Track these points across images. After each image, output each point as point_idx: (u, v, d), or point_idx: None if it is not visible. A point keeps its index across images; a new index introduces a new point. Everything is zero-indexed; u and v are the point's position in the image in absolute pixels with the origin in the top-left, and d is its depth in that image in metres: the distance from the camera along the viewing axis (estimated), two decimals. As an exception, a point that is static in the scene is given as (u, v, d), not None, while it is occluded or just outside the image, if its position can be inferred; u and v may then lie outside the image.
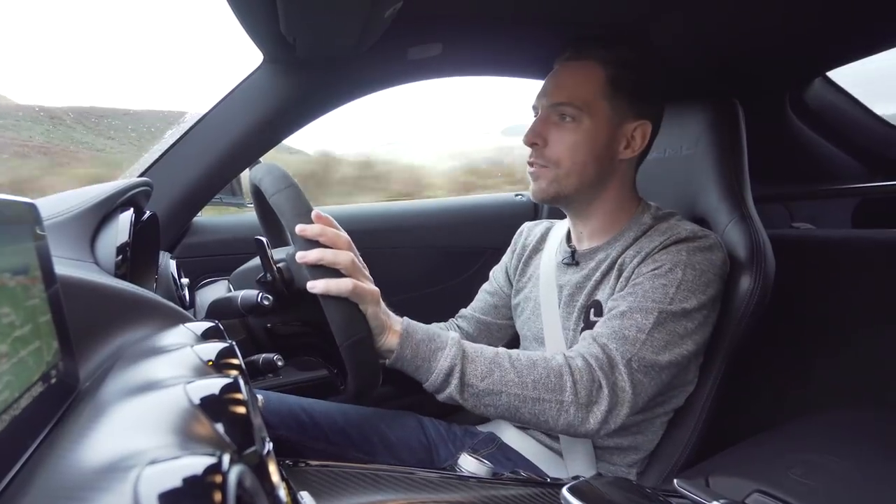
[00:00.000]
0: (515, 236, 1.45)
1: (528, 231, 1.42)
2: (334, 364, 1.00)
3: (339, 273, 0.85)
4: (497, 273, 1.45)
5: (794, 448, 0.90)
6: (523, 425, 0.98)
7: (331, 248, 0.85)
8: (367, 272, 0.91)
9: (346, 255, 0.85)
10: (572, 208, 1.21)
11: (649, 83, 1.15)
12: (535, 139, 1.14)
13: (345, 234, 0.88)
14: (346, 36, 1.21)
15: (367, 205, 1.97)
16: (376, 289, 0.89)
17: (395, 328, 0.92)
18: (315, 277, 0.83)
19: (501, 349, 0.97)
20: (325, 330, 0.88)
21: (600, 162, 1.13)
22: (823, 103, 1.72)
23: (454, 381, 0.92)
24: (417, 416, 1.33)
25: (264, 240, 0.97)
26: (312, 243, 0.85)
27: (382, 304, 0.91)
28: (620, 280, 1.09)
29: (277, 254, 1.01)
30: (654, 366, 0.98)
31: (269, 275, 0.97)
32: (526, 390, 0.93)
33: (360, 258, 0.90)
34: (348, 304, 0.84)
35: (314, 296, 0.84)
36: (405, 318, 0.95)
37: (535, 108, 1.18)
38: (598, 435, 0.96)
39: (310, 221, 0.85)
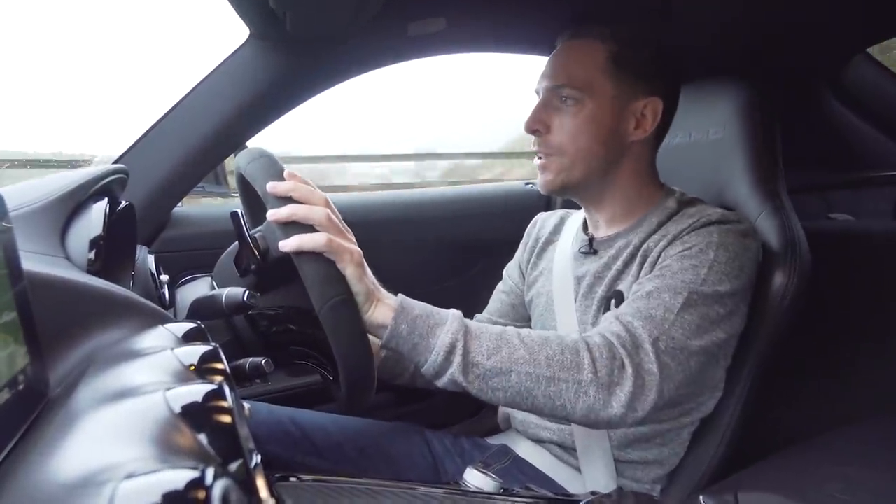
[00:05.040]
0: (528, 228, 1.45)
1: (542, 222, 1.42)
2: (325, 358, 1.00)
3: (314, 230, 0.85)
4: (511, 270, 1.45)
5: (832, 461, 0.90)
6: (537, 413, 0.96)
7: (304, 204, 0.86)
8: (351, 236, 0.90)
9: (320, 210, 0.85)
10: (584, 197, 1.21)
11: (655, 58, 1.15)
12: (536, 125, 1.14)
13: (320, 192, 0.89)
14: (341, 10, 1.20)
15: (365, 193, 1.97)
16: (357, 249, 0.88)
17: (386, 301, 0.90)
18: (287, 235, 0.83)
19: (509, 327, 0.96)
20: (310, 314, 0.87)
21: (607, 145, 1.13)
22: (864, 83, 1.71)
23: (456, 360, 0.89)
24: (420, 427, 1.33)
25: (240, 212, 0.97)
26: (284, 200, 0.85)
27: (369, 271, 0.90)
28: (646, 266, 1.09)
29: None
30: (684, 350, 0.96)
31: (245, 250, 0.96)
32: (539, 368, 0.90)
33: (341, 219, 0.90)
34: (325, 262, 0.84)
35: (294, 269, 0.84)
36: (400, 294, 0.94)
37: (537, 91, 1.19)
38: (625, 423, 0.94)
39: (282, 180, 0.86)
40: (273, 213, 0.84)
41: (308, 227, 0.84)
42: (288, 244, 0.83)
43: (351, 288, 0.86)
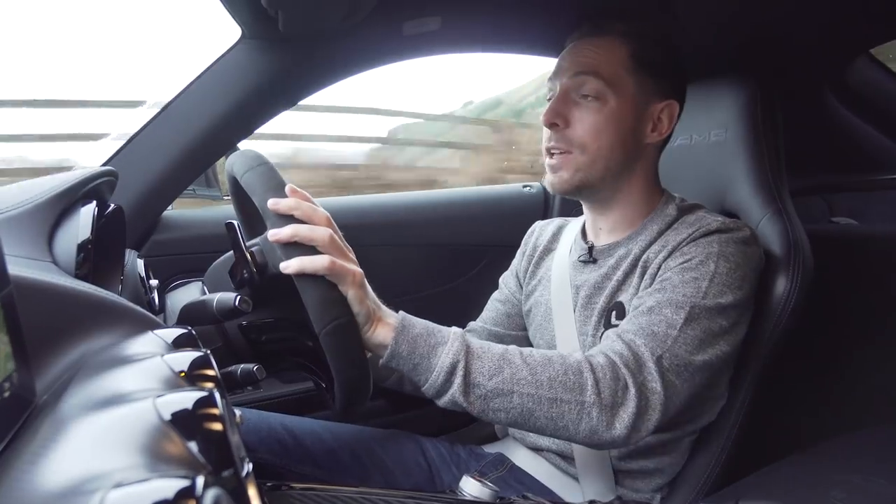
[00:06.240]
0: (525, 237, 1.44)
1: (540, 230, 1.42)
2: (320, 369, 1.00)
3: (315, 251, 0.84)
4: (507, 278, 1.44)
5: (835, 468, 0.90)
6: (539, 433, 0.96)
7: (306, 223, 0.85)
8: (351, 255, 0.90)
9: (322, 231, 0.84)
10: (594, 200, 1.20)
11: (673, 60, 1.15)
12: (556, 119, 1.12)
13: (323, 210, 0.88)
14: (334, 8, 1.20)
15: (359, 197, 1.97)
16: (359, 270, 0.88)
17: (386, 320, 0.90)
18: (289, 257, 0.82)
19: (511, 346, 0.96)
20: (306, 326, 0.87)
21: (626, 146, 1.12)
22: (867, 85, 1.72)
23: (457, 381, 0.89)
24: (416, 436, 1.32)
25: (236, 223, 0.96)
26: (286, 219, 0.84)
27: (370, 291, 0.90)
28: (645, 278, 1.08)
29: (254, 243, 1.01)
30: (688, 366, 0.96)
31: (241, 264, 0.96)
32: (541, 389, 0.90)
33: (343, 238, 0.89)
34: (326, 285, 0.83)
35: (291, 283, 0.83)
36: (401, 311, 0.93)
37: (550, 89, 1.18)
38: (629, 443, 0.94)
39: (283, 196, 0.85)
40: (274, 234, 0.83)
41: (310, 248, 0.84)
42: (289, 266, 0.82)
43: (352, 308, 0.86)
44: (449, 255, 1.91)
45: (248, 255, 0.95)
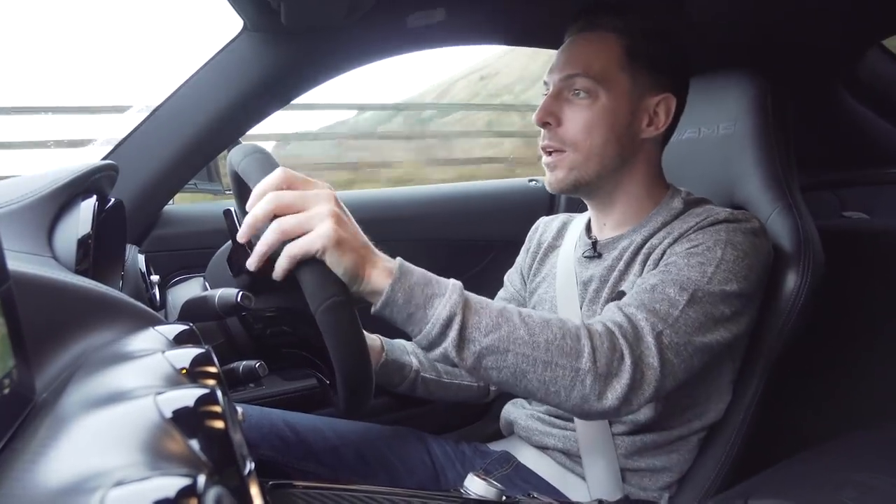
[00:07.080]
0: (530, 233, 1.45)
1: (545, 227, 1.42)
2: (323, 364, 1.00)
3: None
4: (512, 276, 1.45)
5: (845, 467, 0.89)
6: (529, 397, 0.95)
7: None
8: (313, 210, 0.82)
9: (269, 235, 0.81)
10: (594, 196, 1.20)
11: (671, 54, 1.15)
12: (547, 118, 1.13)
13: (256, 200, 0.83)
14: (337, 1, 1.20)
15: (362, 191, 1.97)
16: (323, 235, 0.80)
17: (384, 265, 0.87)
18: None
19: (510, 304, 0.94)
20: (306, 315, 0.87)
21: (621, 141, 1.13)
22: (879, 76, 1.71)
23: (452, 335, 0.86)
24: (420, 433, 1.32)
25: (233, 209, 0.96)
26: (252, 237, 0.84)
27: (355, 238, 0.85)
28: (649, 263, 1.09)
29: None
30: (687, 345, 0.96)
31: (238, 251, 0.96)
32: (537, 351, 0.88)
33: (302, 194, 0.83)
34: (318, 266, 0.83)
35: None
36: (399, 257, 0.90)
37: (546, 84, 1.18)
38: (618, 415, 0.93)
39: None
40: (250, 264, 0.84)
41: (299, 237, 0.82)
42: (287, 254, 0.81)
43: (348, 290, 0.83)
44: (453, 250, 1.90)
45: (245, 245, 0.95)
